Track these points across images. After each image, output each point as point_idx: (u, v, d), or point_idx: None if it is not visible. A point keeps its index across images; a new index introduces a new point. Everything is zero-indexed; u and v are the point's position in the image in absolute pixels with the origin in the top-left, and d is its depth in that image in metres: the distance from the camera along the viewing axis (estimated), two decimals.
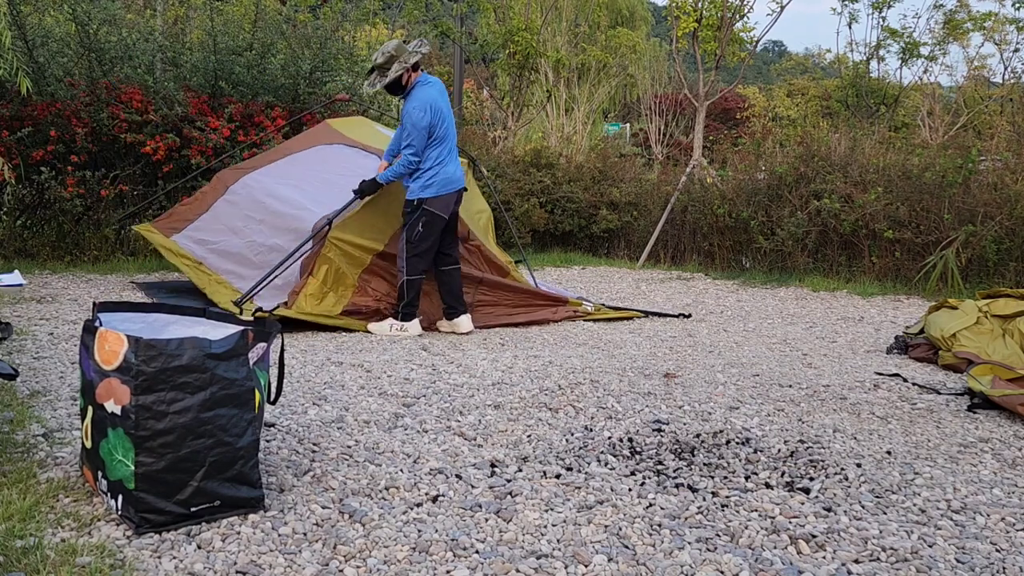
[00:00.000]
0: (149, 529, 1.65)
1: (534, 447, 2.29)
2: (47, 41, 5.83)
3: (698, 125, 7.74)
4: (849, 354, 3.73)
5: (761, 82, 20.17)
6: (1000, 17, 9.28)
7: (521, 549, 1.66)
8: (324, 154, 4.70)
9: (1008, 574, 1.62)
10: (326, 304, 3.87)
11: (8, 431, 2.22)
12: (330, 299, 3.89)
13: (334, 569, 1.55)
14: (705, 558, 1.64)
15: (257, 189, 4.57)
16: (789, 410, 2.72)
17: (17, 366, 2.88)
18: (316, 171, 4.56)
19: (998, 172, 5.77)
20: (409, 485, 1.97)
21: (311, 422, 2.44)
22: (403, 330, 3.82)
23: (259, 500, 1.77)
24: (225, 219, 4.53)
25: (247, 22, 6.92)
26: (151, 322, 1.93)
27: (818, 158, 6.48)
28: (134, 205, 5.91)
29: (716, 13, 7.47)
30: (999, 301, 3.62)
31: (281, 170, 4.69)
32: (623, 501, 1.91)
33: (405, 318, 3.83)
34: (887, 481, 2.08)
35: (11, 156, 5.20)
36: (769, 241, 6.41)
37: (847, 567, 1.63)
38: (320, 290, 3.87)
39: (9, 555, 1.53)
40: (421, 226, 3.77)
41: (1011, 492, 2.04)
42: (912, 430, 2.54)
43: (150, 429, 1.63)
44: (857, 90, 9.65)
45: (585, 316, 4.45)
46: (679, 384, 3.04)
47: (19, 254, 5.65)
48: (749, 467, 2.16)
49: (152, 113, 5.66)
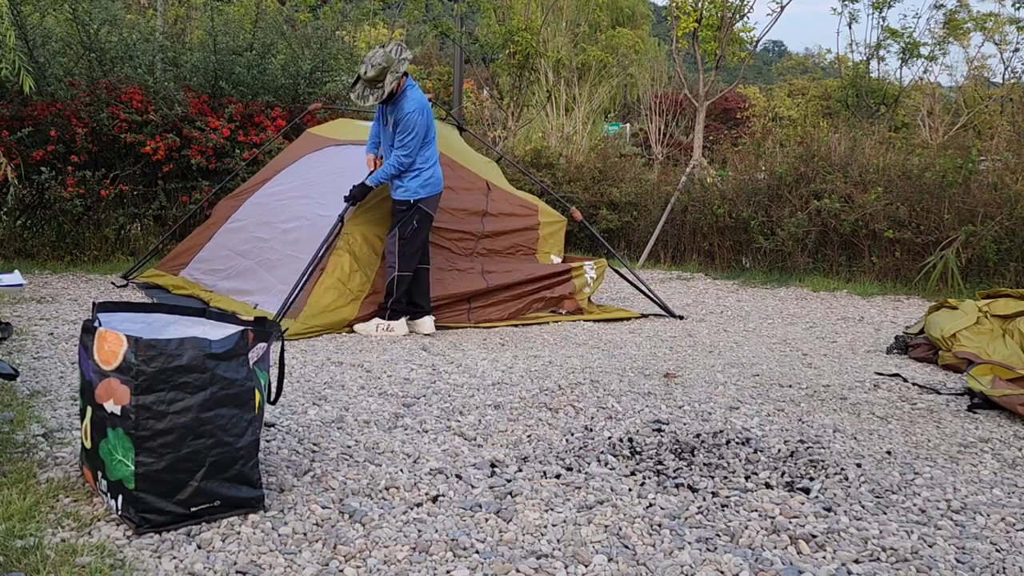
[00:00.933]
0: (149, 529, 1.66)
1: (534, 447, 2.29)
2: (48, 41, 5.85)
3: (698, 125, 7.74)
4: (849, 354, 3.74)
5: (761, 82, 20.18)
6: (1000, 17, 9.28)
7: (521, 549, 1.66)
8: (316, 160, 4.69)
9: (1008, 574, 1.62)
10: (339, 307, 3.83)
11: (8, 431, 2.23)
12: (344, 299, 3.85)
13: (334, 569, 1.55)
14: (705, 558, 1.65)
15: (259, 210, 4.57)
16: (789, 410, 2.72)
17: (17, 366, 2.89)
18: (314, 178, 4.54)
19: (998, 172, 5.78)
20: (409, 485, 1.97)
21: (311, 422, 2.44)
22: (389, 330, 3.82)
23: (259, 500, 1.77)
24: (231, 245, 4.54)
25: (247, 22, 6.95)
26: (151, 322, 1.93)
27: (818, 158, 6.48)
28: (134, 205, 5.93)
29: (716, 13, 7.48)
30: (999, 301, 3.62)
31: (278, 187, 4.68)
32: (623, 501, 1.91)
33: (392, 316, 3.84)
34: (887, 481, 2.08)
35: (11, 156, 5.22)
36: (769, 241, 6.41)
37: (847, 567, 1.63)
38: (334, 288, 3.83)
39: (9, 555, 1.53)
40: (416, 223, 3.82)
41: (1011, 492, 2.04)
42: (912, 430, 2.54)
43: (150, 429, 1.63)
44: (857, 90, 9.65)
45: (584, 316, 4.46)
46: (679, 384, 3.04)
47: (19, 254, 5.67)
48: (749, 467, 2.16)
49: (152, 113, 5.67)
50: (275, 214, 4.44)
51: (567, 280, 4.53)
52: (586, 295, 4.58)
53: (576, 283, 4.57)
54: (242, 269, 4.32)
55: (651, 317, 4.61)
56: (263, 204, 4.61)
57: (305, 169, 4.67)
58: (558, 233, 4.77)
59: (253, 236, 4.43)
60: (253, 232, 4.46)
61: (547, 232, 4.71)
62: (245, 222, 4.61)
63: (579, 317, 4.44)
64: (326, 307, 3.80)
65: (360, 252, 3.96)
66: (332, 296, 3.83)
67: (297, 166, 4.75)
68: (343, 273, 3.88)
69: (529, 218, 4.69)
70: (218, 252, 4.59)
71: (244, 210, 4.70)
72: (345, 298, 3.86)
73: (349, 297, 3.87)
